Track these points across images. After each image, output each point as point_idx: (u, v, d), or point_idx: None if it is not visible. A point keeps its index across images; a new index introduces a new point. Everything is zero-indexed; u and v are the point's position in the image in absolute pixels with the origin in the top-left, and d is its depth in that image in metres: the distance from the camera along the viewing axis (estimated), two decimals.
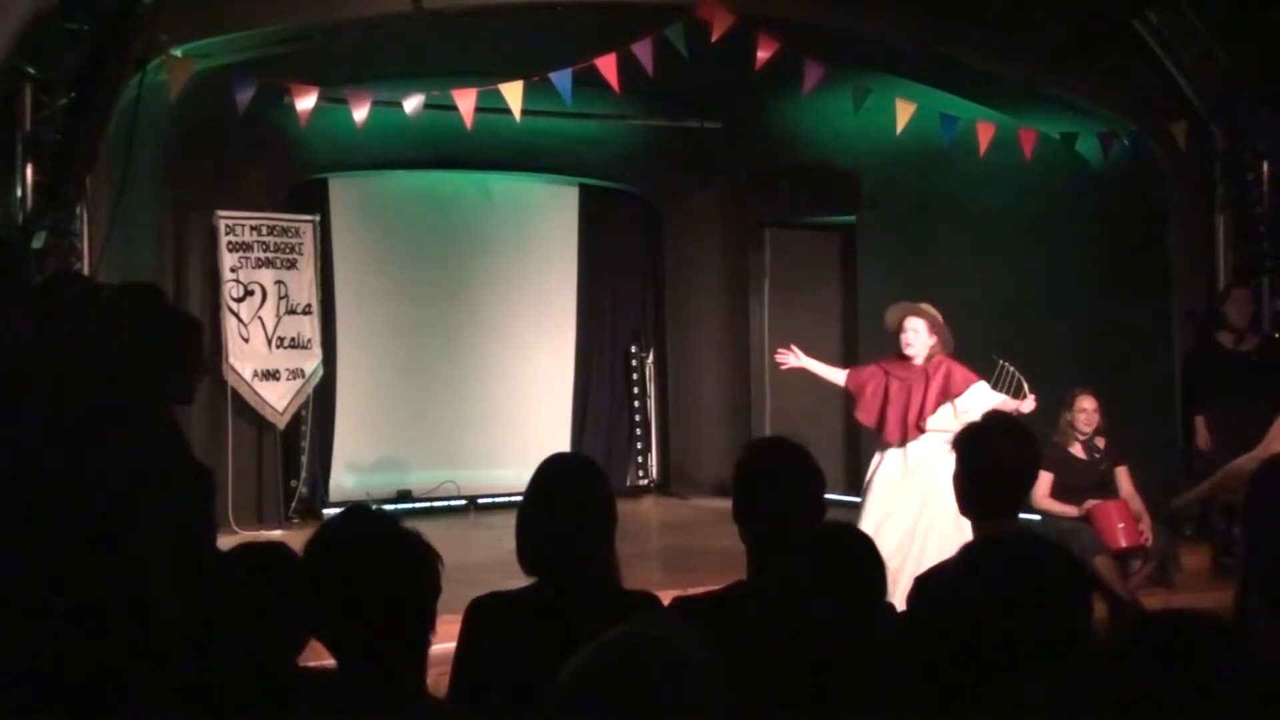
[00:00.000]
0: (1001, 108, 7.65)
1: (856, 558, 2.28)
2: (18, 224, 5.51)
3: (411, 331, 9.84)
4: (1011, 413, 5.77)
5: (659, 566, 7.76)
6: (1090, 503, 6.32)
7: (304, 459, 9.00)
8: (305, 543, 2.06)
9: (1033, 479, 3.06)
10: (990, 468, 2.86)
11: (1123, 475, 6.57)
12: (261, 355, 8.51)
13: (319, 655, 2.12)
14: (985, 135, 7.23)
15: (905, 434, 5.95)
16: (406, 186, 9.90)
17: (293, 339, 8.65)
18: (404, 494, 9.59)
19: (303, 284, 8.71)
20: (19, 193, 5.57)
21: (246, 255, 8.48)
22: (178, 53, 6.05)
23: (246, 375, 8.42)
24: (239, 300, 8.46)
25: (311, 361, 8.75)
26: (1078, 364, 7.65)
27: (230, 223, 8.43)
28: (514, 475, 3.41)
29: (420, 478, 9.72)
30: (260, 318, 8.52)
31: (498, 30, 7.29)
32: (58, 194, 5.69)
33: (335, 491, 9.34)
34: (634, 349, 10.80)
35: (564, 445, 9.99)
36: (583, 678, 1.33)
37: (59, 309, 3.32)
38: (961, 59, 7.30)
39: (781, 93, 7.99)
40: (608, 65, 6.38)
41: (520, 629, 2.51)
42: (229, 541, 3.12)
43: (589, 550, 2.57)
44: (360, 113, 6.54)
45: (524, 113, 6.64)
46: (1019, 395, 6.02)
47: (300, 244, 8.73)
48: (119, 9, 5.62)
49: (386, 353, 9.74)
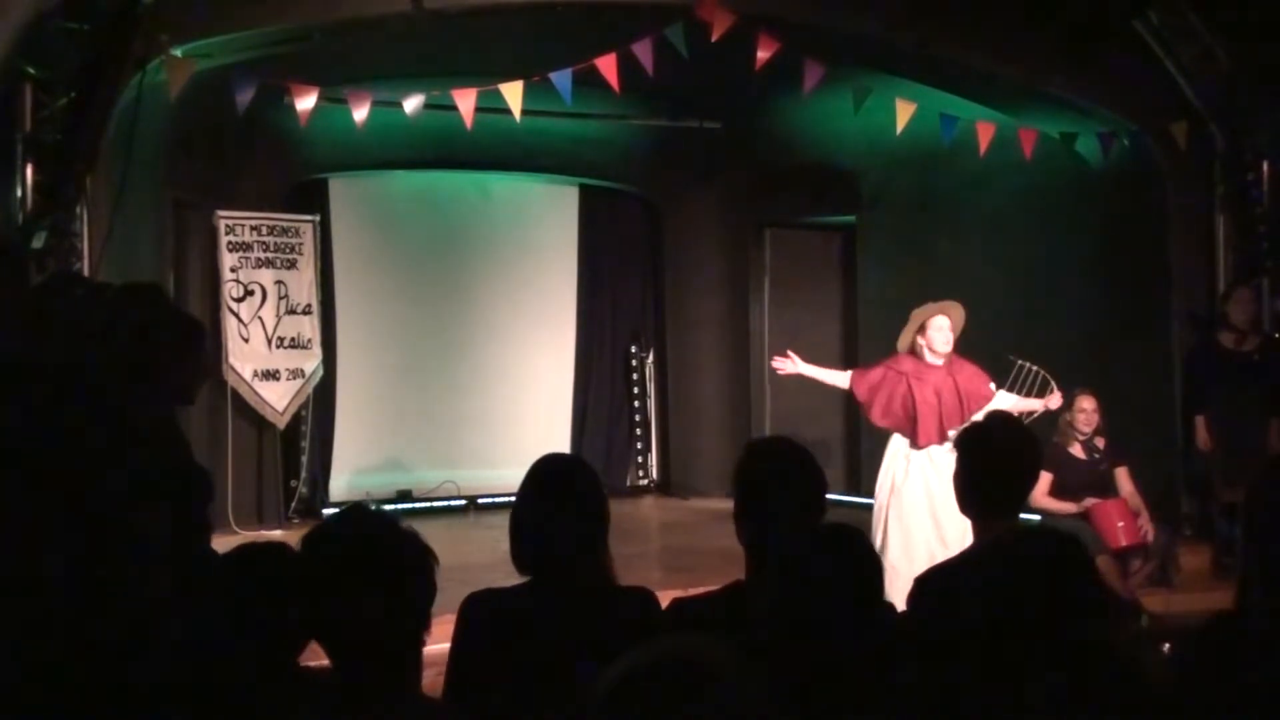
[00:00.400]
0: (1001, 108, 7.65)
1: (855, 558, 2.28)
2: (18, 224, 5.51)
3: (411, 331, 9.84)
4: (1039, 410, 5.75)
5: (659, 566, 7.76)
6: (1090, 501, 6.33)
7: (304, 459, 9.00)
8: (301, 540, 2.06)
9: (1033, 479, 3.06)
10: (991, 468, 2.86)
11: (1123, 475, 6.57)
12: (261, 355, 8.51)
13: (318, 655, 2.12)
14: (985, 135, 7.23)
15: (944, 435, 5.76)
16: (406, 186, 9.90)
17: (293, 339, 8.65)
18: (404, 494, 9.59)
19: (303, 284, 8.71)
20: (19, 193, 5.57)
21: (246, 255, 8.48)
22: (178, 53, 6.05)
23: (246, 375, 8.42)
24: (239, 300, 8.46)
25: (311, 361, 8.75)
26: (1078, 364, 7.64)
27: (230, 223, 8.43)
28: (514, 475, 3.39)
29: (420, 478, 9.72)
30: (260, 318, 8.52)
31: (498, 30, 7.29)
32: (58, 194, 5.69)
33: (335, 491, 9.34)
34: (634, 349, 10.80)
35: (564, 445, 9.99)
36: (621, 690, 1.29)
37: (60, 309, 3.32)
38: (961, 59, 7.29)
39: (781, 93, 7.99)
40: (608, 65, 6.38)
41: (514, 625, 2.52)
42: (229, 541, 3.11)
43: (582, 550, 2.58)
44: (360, 113, 6.54)
45: (524, 113, 6.64)
46: (1044, 393, 5.98)
47: (300, 244, 8.73)
48: (119, 9, 5.63)
49: (386, 353, 9.74)
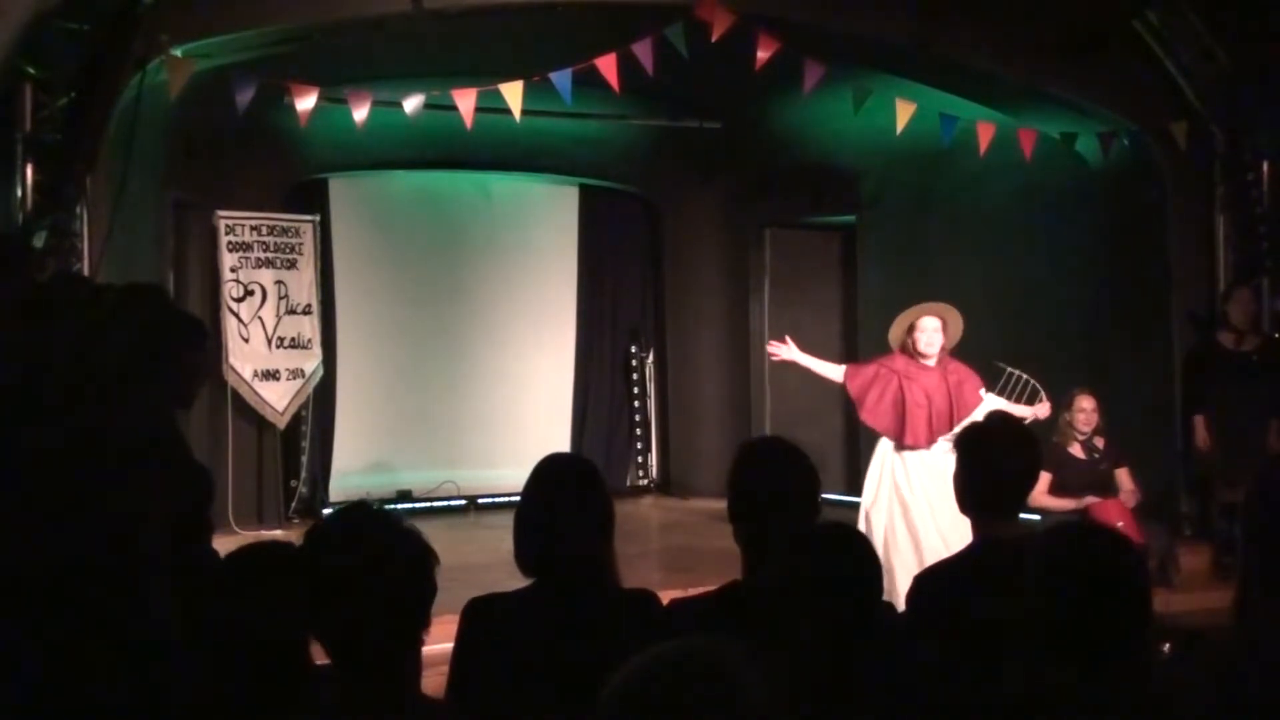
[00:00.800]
0: (1001, 108, 7.64)
1: (855, 557, 2.28)
2: (18, 224, 5.51)
3: (411, 331, 9.84)
4: (1028, 418, 5.74)
5: (659, 566, 7.76)
6: (1089, 501, 6.32)
7: (304, 459, 9.00)
8: (302, 537, 2.06)
9: (1034, 479, 3.06)
10: (991, 468, 2.86)
11: (1123, 475, 6.58)
12: (261, 355, 8.51)
13: (317, 654, 2.12)
14: (985, 135, 7.22)
15: (932, 437, 5.81)
16: (406, 186, 9.90)
17: (293, 339, 8.65)
18: (404, 494, 9.59)
19: (303, 284, 8.71)
20: (19, 193, 5.57)
21: (246, 255, 8.48)
22: (178, 53, 6.04)
23: (246, 375, 8.42)
24: (239, 300, 8.46)
25: (311, 361, 8.75)
26: (1078, 364, 7.65)
27: (230, 223, 8.43)
28: (514, 475, 3.39)
29: (420, 478, 9.71)
30: (260, 318, 8.52)
31: (498, 30, 7.29)
32: (58, 194, 5.69)
33: (335, 491, 9.34)
34: (634, 349, 10.80)
35: (564, 445, 9.99)
36: (631, 693, 1.28)
37: (61, 311, 3.32)
38: (961, 59, 7.29)
39: (781, 93, 7.99)
40: (608, 65, 6.38)
41: (518, 629, 2.49)
42: (229, 541, 3.11)
43: (586, 550, 2.56)
44: (360, 113, 6.53)
45: (524, 113, 6.63)
46: (1033, 401, 5.98)
47: (300, 244, 8.73)
48: (119, 9, 5.63)
49: (386, 353, 9.74)
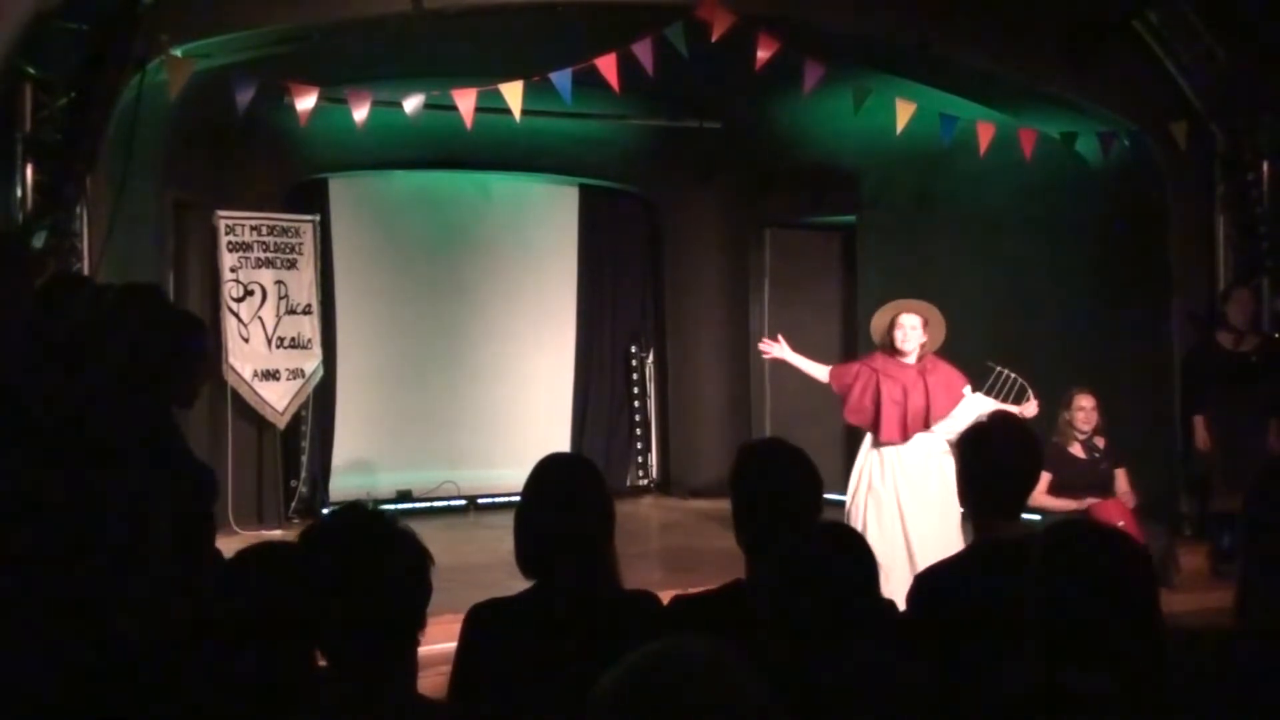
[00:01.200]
0: (1001, 108, 7.64)
1: (853, 556, 2.28)
2: (18, 224, 5.51)
3: (411, 331, 9.84)
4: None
5: (659, 566, 7.76)
6: (1089, 500, 6.33)
7: (304, 459, 9.01)
8: (298, 537, 2.06)
9: (1035, 479, 3.05)
10: (992, 468, 2.86)
11: (1121, 476, 6.59)
12: (261, 355, 8.51)
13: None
14: (985, 135, 7.22)
15: (905, 434, 5.89)
16: (406, 186, 9.90)
17: (293, 339, 8.64)
18: (404, 494, 9.59)
19: (303, 284, 8.71)
20: (19, 193, 5.57)
21: (246, 255, 8.48)
22: (178, 53, 6.04)
23: (246, 375, 8.42)
24: (239, 300, 8.46)
25: (311, 361, 8.75)
26: (1077, 364, 7.65)
27: (230, 223, 8.43)
28: (514, 475, 3.40)
29: (420, 478, 9.71)
30: (260, 318, 8.52)
31: (498, 30, 7.29)
32: (58, 194, 5.68)
33: (335, 491, 9.33)
34: (634, 349, 10.80)
35: (564, 445, 9.99)
36: (622, 691, 1.27)
37: (61, 311, 3.32)
38: (961, 59, 7.29)
39: (781, 93, 7.99)
40: (608, 65, 6.38)
41: (520, 634, 2.48)
42: (229, 541, 3.11)
43: (588, 551, 2.54)
44: (360, 113, 6.53)
45: (524, 113, 6.63)
46: (1021, 400, 5.99)
47: (300, 244, 8.73)
48: (119, 9, 5.62)
49: (386, 353, 9.74)
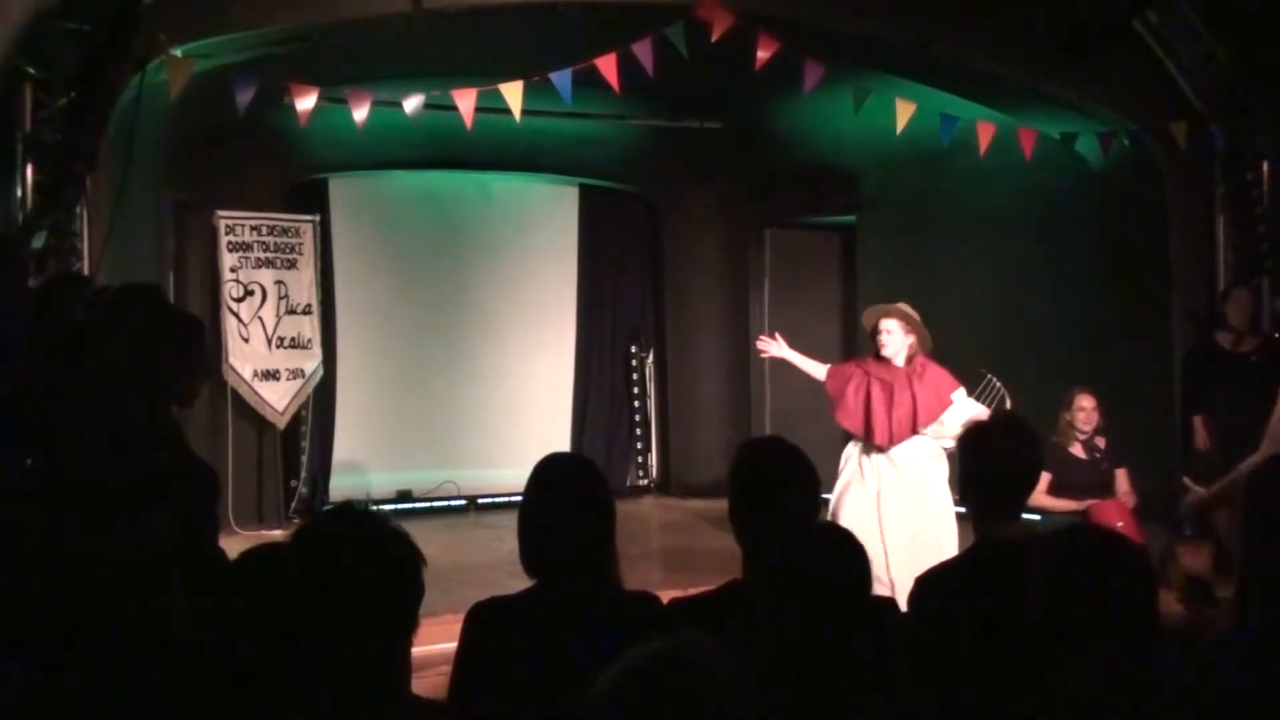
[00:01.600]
0: (1001, 108, 7.64)
1: (849, 557, 2.27)
2: (18, 224, 5.51)
3: (411, 331, 9.84)
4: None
5: (659, 566, 7.76)
6: (1090, 501, 6.33)
7: (304, 459, 9.01)
8: (290, 538, 2.05)
9: (1035, 479, 3.05)
10: (993, 468, 2.86)
11: (1121, 476, 6.59)
12: (261, 355, 8.51)
13: None
14: (985, 135, 7.22)
15: (893, 437, 5.88)
16: (406, 186, 9.89)
17: (293, 339, 8.65)
18: (404, 494, 9.59)
19: (303, 284, 8.71)
20: (19, 193, 5.57)
21: (246, 255, 8.49)
22: (178, 53, 6.04)
23: (246, 375, 8.42)
24: (239, 300, 8.46)
25: (311, 361, 8.75)
26: (1078, 364, 7.65)
27: (230, 223, 8.43)
28: (514, 475, 3.40)
29: (420, 478, 9.71)
30: (260, 318, 8.52)
31: (498, 30, 7.29)
32: (58, 194, 5.68)
33: (335, 491, 9.33)
34: (634, 349, 10.80)
35: (564, 445, 9.99)
36: (620, 691, 1.28)
37: (60, 311, 3.32)
38: (961, 59, 7.29)
39: (781, 93, 7.99)
40: (608, 65, 6.38)
41: (521, 633, 2.48)
42: (229, 542, 3.10)
43: (590, 551, 2.55)
44: (360, 113, 6.54)
45: (524, 113, 6.63)
46: (1001, 408, 6.00)
47: (300, 244, 8.73)
48: (119, 9, 5.62)
49: (386, 353, 9.74)
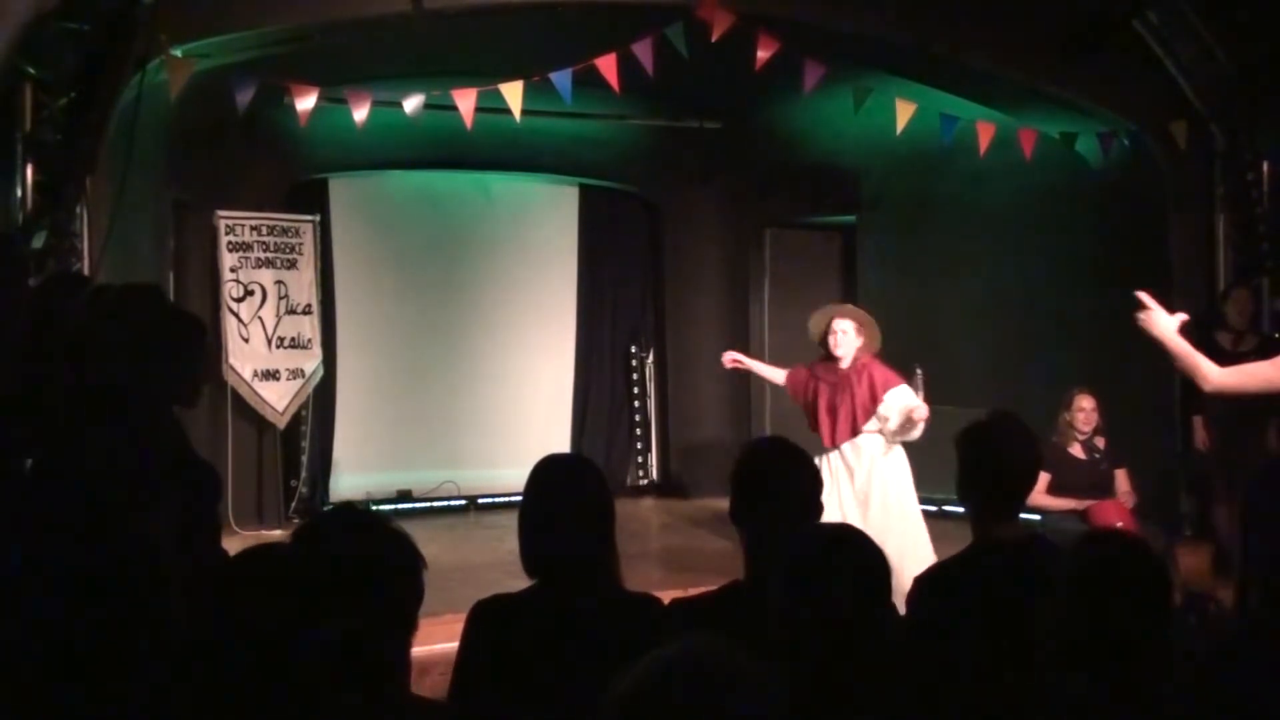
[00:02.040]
0: (1001, 108, 7.65)
1: (864, 558, 2.26)
2: (18, 224, 5.51)
3: (411, 331, 9.84)
4: (906, 415, 5.73)
5: (659, 566, 7.76)
6: (1089, 502, 6.33)
7: (304, 459, 9.00)
8: (290, 538, 2.05)
9: (1034, 479, 3.05)
10: (991, 468, 2.86)
11: (1121, 476, 6.59)
12: (261, 355, 8.51)
13: None
14: (985, 135, 7.23)
15: (835, 439, 5.94)
16: (406, 186, 9.89)
17: (293, 339, 8.65)
18: (404, 494, 9.59)
19: (303, 284, 8.71)
20: (19, 193, 5.56)
21: (246, 255, 8.48)
22: (178, 53, 6.04)
23: (246, 375, 8.42)
24: (239, 300, 8.46)
25: (311, 361, 8.75)
26: (1077, 364, 7.65)
27: (230, 223, 8.43)
28: (514, 475, 3.41)
29: (420, 478, 9.71)
30: (260, 318, 8.52)
31: (498, 30, 7.29)
32: (58, 194, 5.68)
33: (335, 491, 9.33)
34: (634, 349, 10.80)
35: (564, 445, 9.99)
36: (639, 694, 1.26)
37: (60, 311, 3.32)
38: (961, 59, 7.29)
39: (781, 93, 7.99)
40: (608, 65, 6.38)
41: (522, 631, 2.49)
42: (229, 542, 3.10)
43: (590, 552, 2.55)
44: (360, 113, 6.54)
45: (524, 113, 6.63)
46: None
47: (300, 244, 8.73)
48: (119, 9, 5.62)
49: (386, 353, 9.73)
